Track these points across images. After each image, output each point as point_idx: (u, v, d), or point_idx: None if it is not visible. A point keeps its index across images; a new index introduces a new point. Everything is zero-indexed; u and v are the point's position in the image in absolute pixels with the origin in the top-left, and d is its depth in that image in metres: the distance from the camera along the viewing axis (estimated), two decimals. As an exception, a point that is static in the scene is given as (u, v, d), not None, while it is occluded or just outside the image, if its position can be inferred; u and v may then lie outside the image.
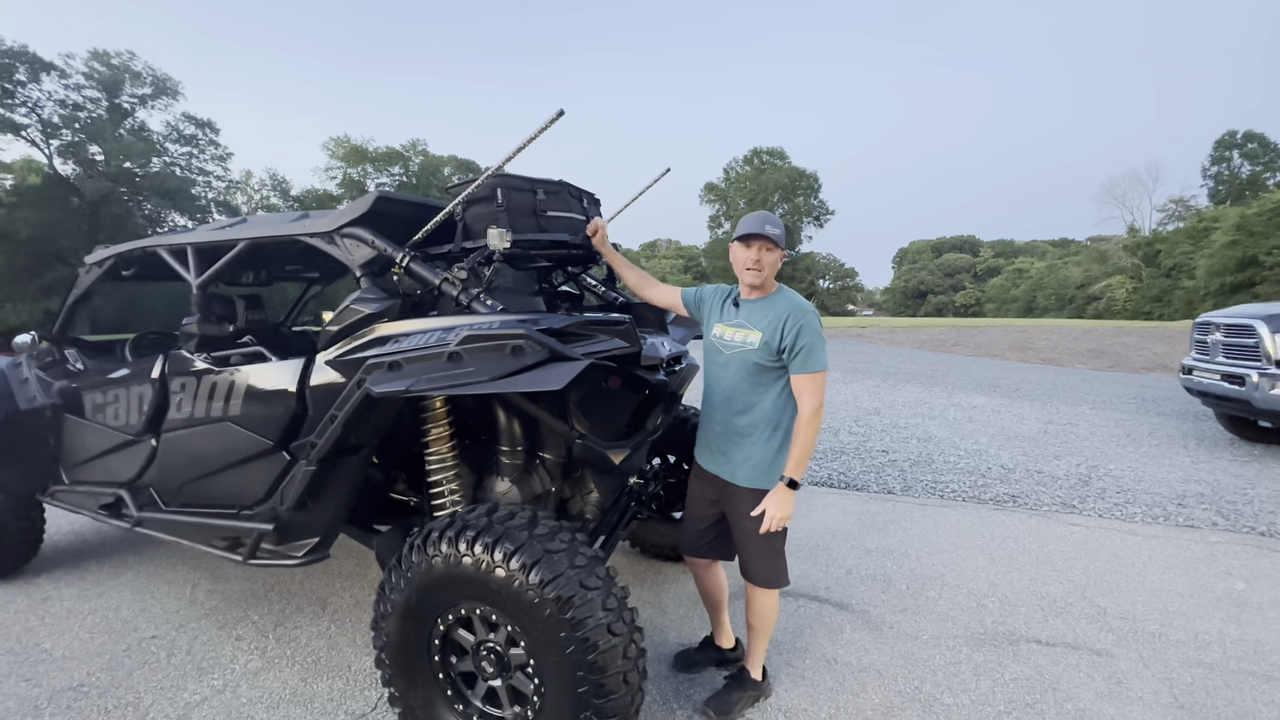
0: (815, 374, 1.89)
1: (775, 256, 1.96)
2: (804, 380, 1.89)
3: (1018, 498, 4.34)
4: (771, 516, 1.89)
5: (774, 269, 1.98)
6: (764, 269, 1.95)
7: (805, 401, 1.89)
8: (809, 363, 1.88)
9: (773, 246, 1.94)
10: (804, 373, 1.89)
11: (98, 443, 2.74)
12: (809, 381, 1.89)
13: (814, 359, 1.89)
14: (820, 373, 1.90)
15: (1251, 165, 46.18)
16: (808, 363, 1.88)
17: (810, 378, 1.89)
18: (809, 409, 1.88)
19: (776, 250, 1.95)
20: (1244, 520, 3.90)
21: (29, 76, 26.53)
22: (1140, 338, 19.09)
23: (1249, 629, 2.63)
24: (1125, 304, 44.53)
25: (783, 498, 1.89)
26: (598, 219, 2.35)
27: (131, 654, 2.48)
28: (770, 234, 1.91)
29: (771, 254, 1.95)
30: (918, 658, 2.40)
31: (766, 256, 1.94)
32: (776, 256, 1.96)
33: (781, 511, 1.89)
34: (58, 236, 26.03)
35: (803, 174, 53.56)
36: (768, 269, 1.95)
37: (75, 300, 3.04)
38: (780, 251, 1.96)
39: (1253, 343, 5.20)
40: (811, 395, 1.88)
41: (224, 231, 2.42)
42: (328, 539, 2.23)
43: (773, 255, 1.95)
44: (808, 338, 1.88)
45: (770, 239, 1.92)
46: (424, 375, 1.71)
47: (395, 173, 43.67)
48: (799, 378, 1.90)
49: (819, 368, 1.89)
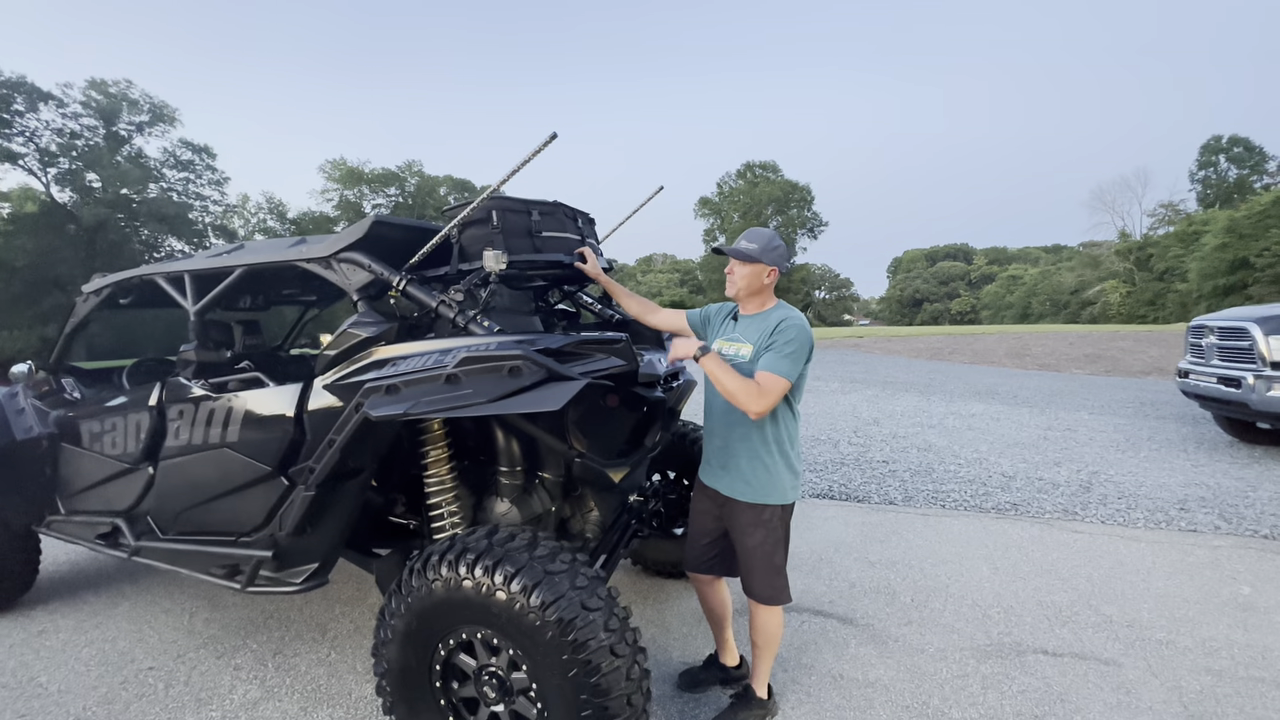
0: (776, 377, 1.81)
1: (747, 270, 1.97)
2: (763, 374, 1.82)
3: (1019, 506, 4.33)
4: (676, 350, 1.98)
5: (752, 281, 1.98)
6: (736, 281, 2.00)
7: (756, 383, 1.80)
8: (770, 361, 1.83)
9: (742, 261, 1.97)
10: (765, 370, 1.82)
11: (95, 472, 2.72)
12: (767, 378, 1.81)
13: (778, 362, 1.82)
14: (781, 379, 1.81)
15: (1238, 169, 46.85)
16: (770, 361, 1.83)
17: (767, 375, 1.81)
18: (754, 387, 1.79)
19: (747, 264, 1.97)
20: (1247, 523, 3.89)
21: (27, 106, 26.76)
22: (1136, 342, 19.18)
23: (1256, 634, 2.61)
24: (1119, 308, 44.85)
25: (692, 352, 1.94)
26: (586, 248, 2.37)
27: (129, 686, 2.44)
28: (735, 249, 1.97)
29: (743, 267, 1.97)
30: (924, 671, 2.38)
31: (738, 269, 1.99)
32: (749, 270, 1.97)
33: (683, 351, 1.96)
34: (55, 264, 26.09)
35: (795, 186, 54.13)
36: (741, 281, 1.99)
37: (72, 329, 3.04)
38: (754, 265, 1.96)
39: (1247, 345, 5.23)
40: (760, 383, 1.80)
41: (221, 258, 2.43)
42: (327, 564, 2.21)
43: (744, 269, 1.97)
44: (782, 342, 1.84)
45: (733, 253, 1.98)
46: (422, 398, 1.71)
47: (391, 194, 43.93)
48: (760, 372, 1.83)
49: (778, 371, 1.81)
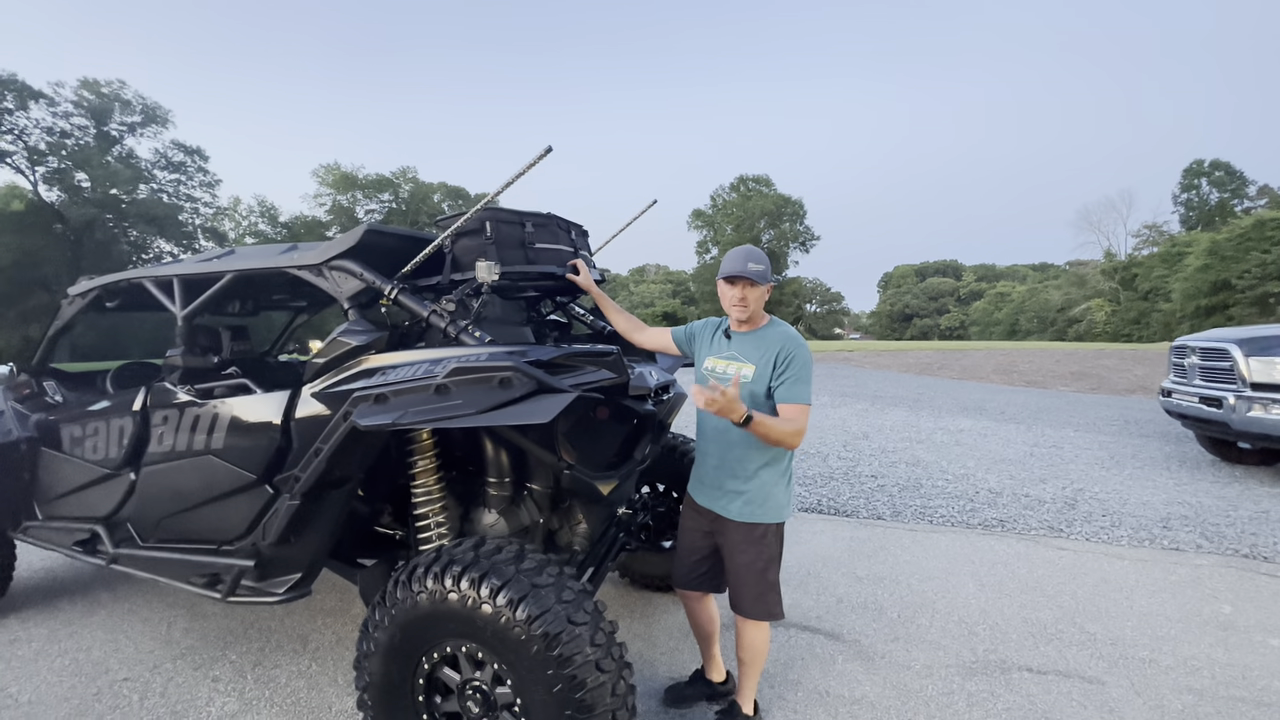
0: (800, 405, 1.89)
1: (759, 292, 1.98)
2: (788, 407, 1.89)
3: (1006, 522, 4.36)
4: (711, 399, 1.68)
5: (760, 303, 2.00)
6: (749, 305, 1.97)
7: (789, 423, 1.84)
8: (794, 392, 1.89)
9: (755, 284, 1.96)
10: (789, 402, 1.89)
11: (75, 477, 2.68)
12: (793, 409, 1.89)
13: (799, 390, 1.90)
14: (804, 405, 1.89)
15: (1220, 192, 47.92)
16: (793, 392, 1.89)
17: (796, 407, 1.89)
18: (792, 426, 1.83)
19: (760, 286, 1.97)
20: (1228, 542, 3.94)
21: (16, 104, 26.57)
22: (1121, 360, 19.44)
23: (1237, 653, 2.63)
24: (1105, 326, 45.54)
25: (733, 408, 1.72)
26: (579, 260, 2.36)
27: (102, 698, 2.38)
28: (751, 273, 1.93)
29: (755, 290, 1.97)
30: (910, 688, 2.38)
31: (751, 293, 1.96)
32: (761, 292, 1.98)
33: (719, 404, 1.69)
34: (40, 263, 25.80)
35: (788, 200, 54.72)
36: (753, 304, 1.98)
37: (56, 332, 3.00)
38: (765, 286, 1.98)
39: (1228, 366, 5.32)
40: (794, 420, 1.86)
41: (211, 264, 2.41)
42: (310, 575, 2.18)
43: (756, 291, 1.97)
44: (797, 369, 1.90)
45: (750, 278, 1.94)
46: (411, 408, 1.70)
47: (385, 200, 43.91)
48: (785, 406, 1.90)
49: (803, 400, 1.90)
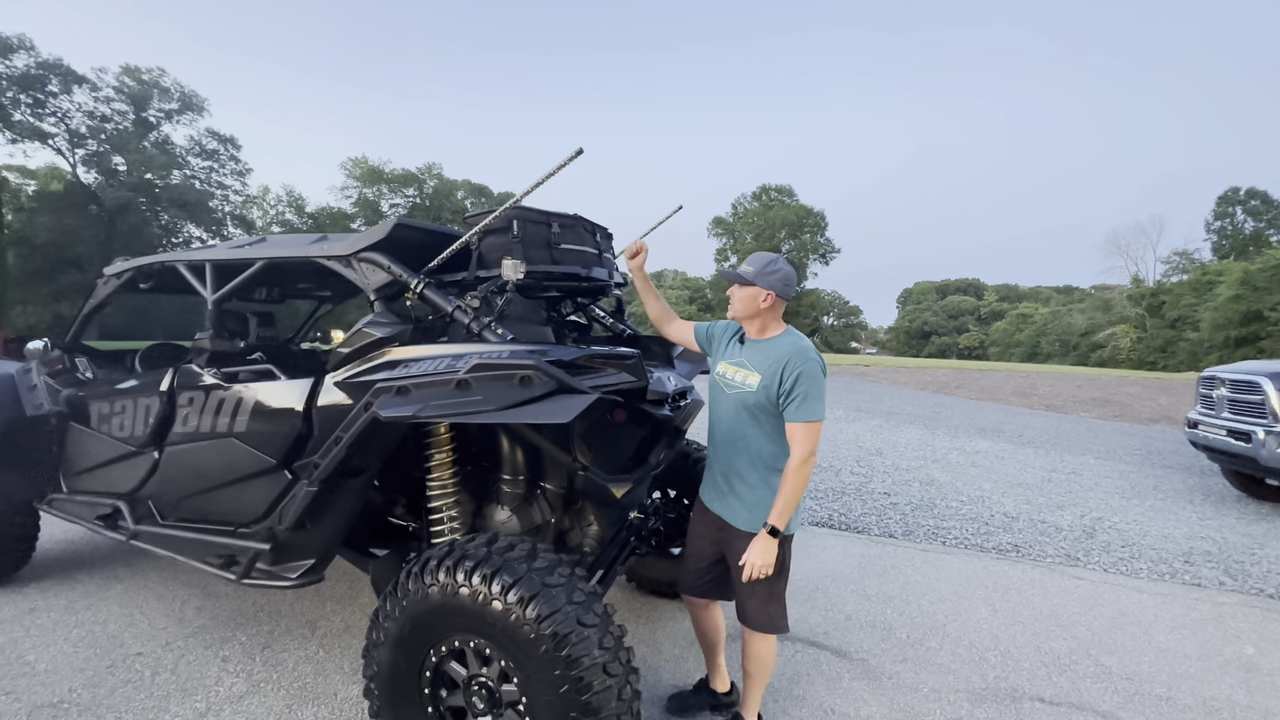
0: (810, 423, 1.83)
1: (749, 292, 1.94)
2: (797, 428, 1.85)
3: (1021, 548, 4.28)
4: (753, 565, 1.84)
5: (746, 305, 1.96)
6: (734, 305, 1.99)
7: (796, 448, 1.84)
8: (803, 410, 1.84)
9: (741, 284, 1.95)
10: (797, 421, 1.84)
11: (100, 452, 2.74)
12: (802, 429, 1.84)
13: (809, 408, 1.84)
14: (815, 423, 1.84)
15: (1255, 221, 46.70)
16: (801, 410, 1.84)
17: (804, 426, 1.83)
18: (798, 457, 1.83)
19: (749, 287, 1.94)
20: (1252, 581, 3.82)
21: (61, 88, 27.37)
22: (1145, 388, 19.02)
23: (1259, 696, 2.55)
24: (1129, 353, 44.58)
25: (764, 545, 1.84)
26: (641, 241, 2.31)
27: (115, 671, 2.43)
28: (739, 272, 1.95)
29: (742, 290, 1.95)
30: (917, 712, 2.34)
31: (737, 293, 1.97)
32: (751, 292, 1.94)
33: (762, 559, 1.84)
34: (74, 242, 26.52)
35: (810, 212, 54.39)
36: (737, 305, 1.98)
37: (90, 310, 3.08)
38: (753, 288, 1.93)
39: (1259, 399, 5.18)
40: (803, 443, 1.83)
41: (243, 250, 2.46)
42: (323, 561, 2.21)
43: (740, 292, 1.96)
44: (805, 385, 1.83)
45: (735, 277, 1.96)
46: (432, 401, 1.72)
47: (410, 194, 44.45)
48: (793, 425, 1.86)
49: (814, 418, 1.84)
